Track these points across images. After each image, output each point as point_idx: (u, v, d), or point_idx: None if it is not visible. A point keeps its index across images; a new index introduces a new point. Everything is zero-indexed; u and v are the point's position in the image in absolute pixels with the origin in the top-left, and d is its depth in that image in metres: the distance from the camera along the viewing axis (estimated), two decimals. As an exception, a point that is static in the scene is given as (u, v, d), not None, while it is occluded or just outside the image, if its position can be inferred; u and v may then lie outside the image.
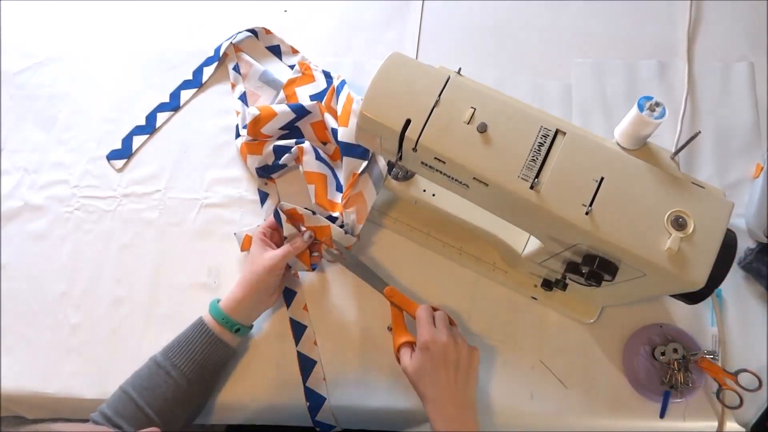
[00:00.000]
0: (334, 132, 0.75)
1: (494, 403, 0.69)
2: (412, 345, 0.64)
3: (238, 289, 0.67)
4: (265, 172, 0.79)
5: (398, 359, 0.65)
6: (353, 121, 0.71)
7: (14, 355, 0.74)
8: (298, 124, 0.78)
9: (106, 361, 0.72)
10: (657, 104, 0.51)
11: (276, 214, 0.71)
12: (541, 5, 0.90)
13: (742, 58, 0.84)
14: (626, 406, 0.68)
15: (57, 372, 0.73)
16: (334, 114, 0.76)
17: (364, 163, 0.71)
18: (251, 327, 0.69)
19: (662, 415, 0.66)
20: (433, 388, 0.60)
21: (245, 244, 0.75)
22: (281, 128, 0.78)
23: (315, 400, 0.69)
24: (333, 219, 0.71)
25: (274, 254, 0.67)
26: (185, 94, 0.87)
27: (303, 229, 0.71)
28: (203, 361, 0.64)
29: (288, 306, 0.73)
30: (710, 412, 0.67)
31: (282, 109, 0.77)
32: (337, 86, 0.78)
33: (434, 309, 0.66)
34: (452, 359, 0.61)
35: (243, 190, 0.80)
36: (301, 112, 0.77)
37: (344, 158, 0.71)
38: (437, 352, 0.61)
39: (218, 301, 0.68)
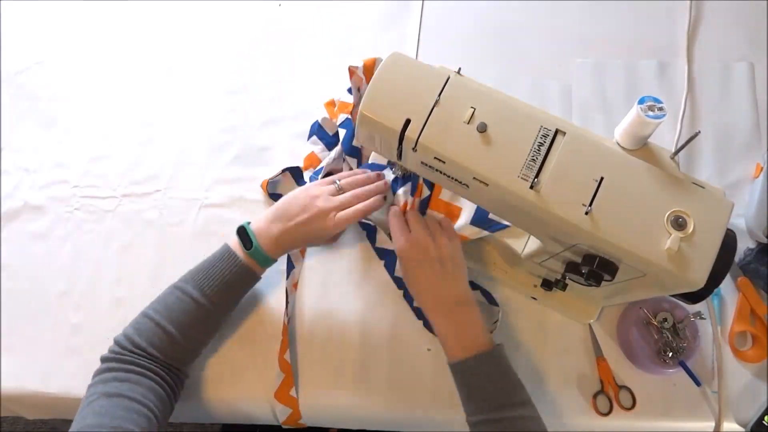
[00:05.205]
0: None
1: (494, 403, 0.69)
2: None
3: (282, 230, 0.64)
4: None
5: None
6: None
7: (14, 355, 0.74)
8: None
9: (106, 361, 0.72)
10: (657, 104, 0.51)
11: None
12: (541, 5, 0.90)
13: (742, 58, 0.84)
14: (627, 405, 0.68)
15: (57, 372, 0.73)
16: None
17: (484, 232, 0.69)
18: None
19: (698, 384, 0.66)
20: (422, 290, 0.60)
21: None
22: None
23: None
24: None
25: (343, 216, 0.64)
26: None
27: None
28: (227, 285, 0.64)
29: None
30: (708, 412, 0.67)
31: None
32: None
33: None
34: (434, 256, 0.60)
35: (243, 190, 0.80)
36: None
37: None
38: (415, 254, 0.60)
39: (249, 224, 0.66)
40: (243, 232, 0.65)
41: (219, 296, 0.64)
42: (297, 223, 0.64)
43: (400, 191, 0.70)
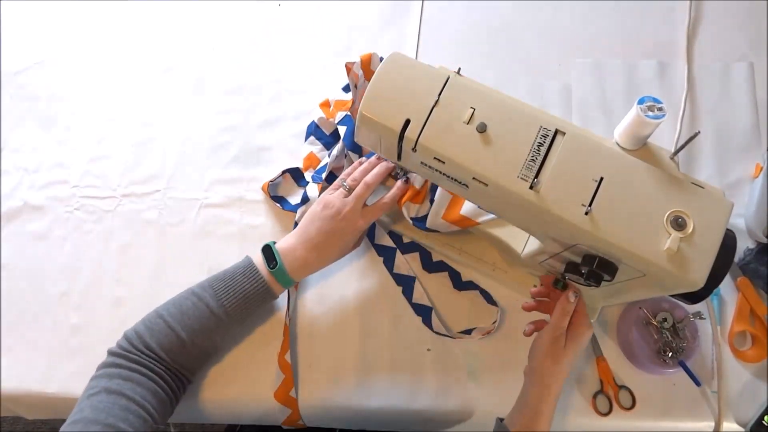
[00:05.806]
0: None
1: (494, 403, 0.69)
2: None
3: (310, 252, 0.65)
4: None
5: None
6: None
7: (14, 355, 0.74)
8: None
9: (106, 361, 0.72)
10: (657, 104, 0.51)
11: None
12: (541, 5, 0.90)
13: (742, 58, 0.84)
14: (626, 405, 0.68)
15: (57, 372, 0.73)
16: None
17: None
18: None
19: (698, 384, 0.67)
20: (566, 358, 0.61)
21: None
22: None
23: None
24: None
25: (373, 210, 0.67)
26: None
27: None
28: (245, 300, 0.64)
29: None
30: (708, 412, 0.67)
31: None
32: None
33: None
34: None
35: (243, 191, 0.80)
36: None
37: None
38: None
39: (274, 243, 0.66)
40: (268, 251, 0.66)
41: (235, 309, 0.64)
42: (323, 235, 0.65)
43: (413, 177, 0.71)
